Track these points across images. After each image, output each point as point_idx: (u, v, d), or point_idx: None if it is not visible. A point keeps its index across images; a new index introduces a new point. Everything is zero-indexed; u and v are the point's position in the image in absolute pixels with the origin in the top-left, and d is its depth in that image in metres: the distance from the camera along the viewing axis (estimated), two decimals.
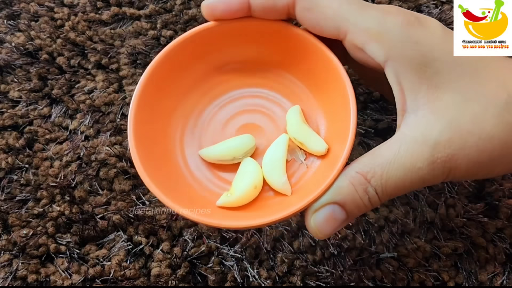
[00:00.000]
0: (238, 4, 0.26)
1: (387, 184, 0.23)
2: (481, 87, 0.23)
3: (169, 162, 0.29)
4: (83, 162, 0.35)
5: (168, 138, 0.30)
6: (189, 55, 0.29)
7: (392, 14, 0.24)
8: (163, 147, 0.29)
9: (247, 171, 0.28)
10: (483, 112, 0.22)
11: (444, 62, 0.23)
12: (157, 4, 0.43)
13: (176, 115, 0.30)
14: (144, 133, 0.27)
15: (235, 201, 0.27)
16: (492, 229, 0.32)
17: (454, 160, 0.22)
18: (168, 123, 0.30)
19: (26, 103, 0.38)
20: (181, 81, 0.30)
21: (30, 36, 0.41)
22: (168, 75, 0.29)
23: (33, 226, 0.32)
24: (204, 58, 0.30)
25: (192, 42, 0.29)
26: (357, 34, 0.24)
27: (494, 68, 0.23)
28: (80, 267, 0.31)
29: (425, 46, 0.23)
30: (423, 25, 0.23)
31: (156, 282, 0.30)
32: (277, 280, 0.31)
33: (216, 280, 0.30)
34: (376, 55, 0.23)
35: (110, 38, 0.41)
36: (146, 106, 0.28)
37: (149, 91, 0.28)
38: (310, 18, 0.25)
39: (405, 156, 0.23)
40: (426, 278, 0.31)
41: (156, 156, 0.28)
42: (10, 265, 0.31)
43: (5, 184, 0.34)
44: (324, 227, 0.24)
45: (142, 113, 0.27)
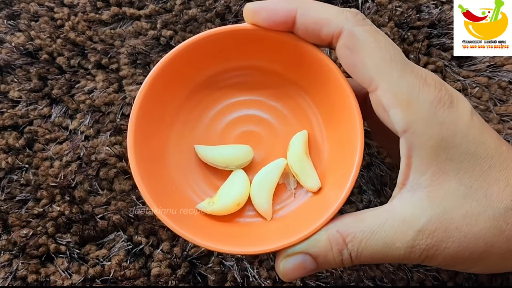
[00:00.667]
0: (283, 16, 0.25)
1: (363, 252, 0.23)
2: (488, 185, 0.23)
3: (162, 158, 0.29)
4: (83, 162, 0.35)
5: (166, 130, 0.29)
6: (204, 55, 0.29)
7: (429, 87, 0.23)
8: (159, 142, 0.29)
9: (235, 184, 0.29)
10: (478, 213, 0.22)
11: (461, 150, 0.22)
12: (157, 4, 0.43)
13: (182, 106, 0.30)
14: (142, 131, 0.27)
15: (216, 211, 0.28)
16: None
17: (433, 251, 0.23)
18: (170, 117, 0.30)
19: (26, 103, 0.38)
20: (192, 79, 0.29)
21: (30, 36, 0.41)
22: (179, 72, 0.29)
23: (33, 226, 0.32)
24: (218, 60, 0.29)
25: (207, 43, 0.28)
26: (387, 94, 0.23)
27: (510, 168, 0.23)
28: (80, 267, 0.31)
29: (448, 130, 0.22)
30: (453, 108, 0.23)
31: (156, 282, 0.30)
32: (277, 280, 0.31)
33: (216, 280, 0.30)
34: (397, 121, 0.23)
35: (110, 38, 0.41)
36: (149, 107, 0.28)
37: (153, 90, 0.28)
38: (348, 57, 0.24)
39: (388, 232, 0.23)
40: (425, 278, 0.31)
41: (150, 153, 0.28)
42: (10, 265, 0.31)
43: (5, 184, 0.34)
44: (292, 273, 0.25)
45: (144, 114, 0.27)
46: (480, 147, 0.23)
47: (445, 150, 0.22)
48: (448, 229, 0.22)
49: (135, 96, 0.37)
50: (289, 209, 0.29)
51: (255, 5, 0.25)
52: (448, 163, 0.22)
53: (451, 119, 0.22)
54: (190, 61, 0.28)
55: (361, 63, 0.23)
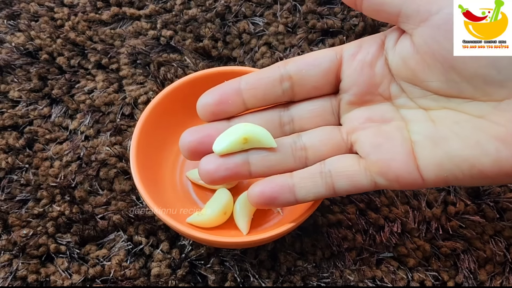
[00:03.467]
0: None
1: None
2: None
3: (162, 181, 0.33)
4: (83, 162, 0.35)
5: (165, 151, 0.34)
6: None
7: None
8: (159, 165, 0.33)
9: (221, 197, 0.31)
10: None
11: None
12: (157, 4, 0.43)
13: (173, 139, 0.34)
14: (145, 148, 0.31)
15: (205, 221, 0.30)
16: (490, 230, 0.32)
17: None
18: (165, 146, 0.34)
19: (26, 103, 0.38)
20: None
21: (30, 36, 0.41)
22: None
23: (33, 226, 0.32)
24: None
25: (210, 78, 0.32)
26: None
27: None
28: (80, 267, 0.31)
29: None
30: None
31: (156, 282, 0.30)
32: (277, 280, 0.31)
33: (216, 280, 0.30)
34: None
35: (110, 38, 0.41)
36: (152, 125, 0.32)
37: (164, 107, 0.32)
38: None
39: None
40: (425, 278, 0.31)
41: (153, 172, 0.32)
42: (10, 265, 0.31)
43: (5, 184, 0.34)
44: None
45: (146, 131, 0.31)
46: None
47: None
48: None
49: (135, 96, 0.38)
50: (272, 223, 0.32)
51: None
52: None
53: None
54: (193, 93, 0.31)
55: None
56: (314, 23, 0.41)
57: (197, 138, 0.26)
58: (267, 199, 0.25)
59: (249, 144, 0.25)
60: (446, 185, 0.24)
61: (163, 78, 0.38)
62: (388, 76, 0.25)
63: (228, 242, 0.28)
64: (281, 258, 0.31)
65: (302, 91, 0.26)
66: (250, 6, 0.42)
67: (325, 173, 0.25)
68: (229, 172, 0.25)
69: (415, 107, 0.25)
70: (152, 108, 0.32)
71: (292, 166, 0.26)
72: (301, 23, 0.41)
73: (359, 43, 0.26)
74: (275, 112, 0.27)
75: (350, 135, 0.26)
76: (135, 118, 0.37)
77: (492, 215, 0.33)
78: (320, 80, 0.26)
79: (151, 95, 0.38)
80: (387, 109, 0.25)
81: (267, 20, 0.41)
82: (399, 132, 0.24)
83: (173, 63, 0.39)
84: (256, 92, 0.26)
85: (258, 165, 0.26)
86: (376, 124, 0.25)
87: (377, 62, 0.25)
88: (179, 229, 0.27)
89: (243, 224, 0.30)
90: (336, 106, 0.27)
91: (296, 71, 0.26)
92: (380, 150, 0.24)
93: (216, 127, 0.26)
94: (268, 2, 0.42)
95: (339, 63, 0.26)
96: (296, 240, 0.32)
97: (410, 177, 0.23)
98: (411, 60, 0.24)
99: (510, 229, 0.32)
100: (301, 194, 0.25)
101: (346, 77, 0.26)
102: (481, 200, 0.33)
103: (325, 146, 0.26)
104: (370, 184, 0.24)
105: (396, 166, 0.24)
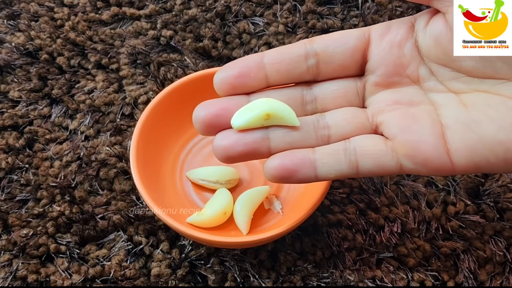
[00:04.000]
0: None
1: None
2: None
3: (162, 179, 0.33)
4: (83, 162, 0.35)
5: (165, 157, 0.34)
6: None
7: None
8: (159, 162, 0.33)
9: (221, 197, 0.31)
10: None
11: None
12: (157, 4, 0.43)
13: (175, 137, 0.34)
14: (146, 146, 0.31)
15: (205, 221, 0.30)
16: (490, 230, 0.32)
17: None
18: (167, 142, 0.34)
19: (26, 103, 0.38)
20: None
21: (30, 36, 0.41)
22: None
23: (33, 226, 0.32)
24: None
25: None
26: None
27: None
28: (80, 267, 0.31)
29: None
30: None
31: (156, 282, 0.30)
32: (277, 280, 0.31)
33: (216, 280, 0.30)
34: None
35: (110, 38, 0.41)
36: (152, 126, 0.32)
37: (164, 106, 0.32)
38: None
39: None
40: (426, 278, 0.31)
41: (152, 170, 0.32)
42: (10, 265, 0.31)
43: (5, 184, 0.34)
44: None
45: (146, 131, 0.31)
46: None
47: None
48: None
49: (135, 96, 0.38)
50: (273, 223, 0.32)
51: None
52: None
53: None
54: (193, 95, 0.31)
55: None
56: (314, 23, 0.41)
57: (214, 111, 0.24)
58: (286, 172, 0.23)
59: (271, 121, 0.24)
60: (477, 171, 0.23)
61: (163, 78, 0.38)
62: (417, 58, 0.24)
63: (228, 242, 0.28)
64: (281, 258, 0.31)
65: (328, 69, 0.25)
66: (250, 6, 0.42)
67: (350, 151, 0.24)
68: (247, 147, 0.24)
69: (445, 91, 0.24)
70: (152, 108, 0.32)
71: (314, 145, 0.24)
72: (301, 23, 0.41)
73: (388, 24, 0.25)
74: (298, 90, 0.26)
75: (375, 117, 0.24)
76: (135, 118, 0.37)
77: (492, 215, 0.33)
78: (347, 58, 0.25)
79: (151, 95, 0.38)
80: (415, 92, 0.24)
81: (267, 20, 0.41)
82: (428, 115, 0.23)
83: (173, 63, 0.39)
84: (280, 67, 0.25)
85: (279, 141, 0.24)
86: (403, 106, 0.24)
87: (406, 43, 0.24)
88: (179, 229, 0.27)
89: (243, 224, 0.30)
90: (362, 88, 0.26)
91: (323, 47, 0.25)
92: (409, 131, 0.23)
93: (235, 101, 0.25)
94: (268, 2, 0.42)
95: (367, 42, 0.25)
96: (296, 240, 0.32)
97: (439, 161, 0.22)
98: (444, 39, 0.23)
99: (510, 229, 0.32)
100: (323, 171, 0.24)
101: (373, 56, 0.25)
102: (481, 200, 0.33)
103: (349, 125, 0.24)
104: (396, 167, 0.23)
105: (425, 148, 0.22)
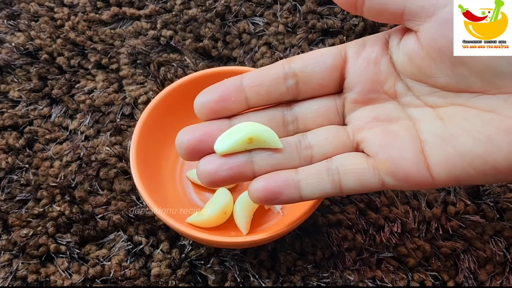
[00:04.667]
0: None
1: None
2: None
3: (162, 180, 0.33)
4: (83, 162, 0.35)
5: (165, 152, 0.34)
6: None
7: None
8: (159, 164, 0.33)
9: (221, 197, 0.31)
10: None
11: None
12: (157, 4, 0.43)
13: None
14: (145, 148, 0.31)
15: (205, 221, 0.30)
16: (490, 230, 0.32)
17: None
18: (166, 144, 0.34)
19: (26, 103, 0.38)
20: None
21: (30, 36, 0.41)
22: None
23: (33, 226, 0.32)
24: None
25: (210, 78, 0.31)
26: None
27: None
28: (80, 267, 0.31)
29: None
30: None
31: (156, 282, 0.30)
32: (277, 280, 0.31)
33: (216, 280, 0.30)
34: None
35: (110, 38, 0.41)
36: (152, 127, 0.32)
37: (164, 106, 0.32)
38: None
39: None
40: (426, 278, 0.31)
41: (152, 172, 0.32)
42: (10, 265, 0.31)
43: (5, 184, 0.34)
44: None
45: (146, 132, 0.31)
46: None
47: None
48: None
49: (135, 96, 0.38)
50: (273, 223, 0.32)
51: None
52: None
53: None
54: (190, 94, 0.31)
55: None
56: (314, 23, 0.41)
57: (197, 137, 0.24)
58: (270, 195, 0.24)
59: (254, 144, 0.24)
60: (457, 184, 0.23)
61: (163, 78, 0.38)
62: (393, 75, 0.25)
63: (228, 242, 0.28)
64: (281, 258, 0.31)
65: (307, 89, 0.26)
66: (250, 6, 0.42)
67: (332, 170, 0.24)
68: (232, 171, 0.24)
69: (422, 105, 0.24)
70: (152, 108, 0.32)
71: (297, 165, 0.25)
72: (301, 23, 0.41)
73: (363, 41, 0.25)
74: (278, 111, 0.26)
75: (356, 134, 0.25)
76: (135, 118, 0.37)
77: (492, 215, 0.33)
78: (325, 77, 0.25)
79: (151, 95, 0.38)
80: (393, 108, 0.25)
81: (267, 20, 0.41)
82: (407, 131, 0.24)
83: (173, 63, 0.39)
84: (260, 89, 0.25)
85: (262, 164, 0.24)
86: (382, 123, 0.25)
87: (382, 59, 0.25)
88: (179, 229, 0.27)
89: (243, 224, 0.30)
90: (341, 105, 0.26)
91: (301, 67, 0.25)
92: (389, 149, 0.24)
93: (217, 125, 0.25)
94: (268, 2, 0.42)
95: (344, 60, 0.25)
96: (296, 240, 0.32)
97: (420, 177, 0.23)
98: (417, 56, 0.23)
99: (510, 229, 0.32)
100: (307, 191, 0.24)
101: (351, 74, 0.25)
102: (481, 200, 0.33)
103: (330, 144, 0.25)
104: (378, 184, 0.24)
105: (406, 165, 0.23)
